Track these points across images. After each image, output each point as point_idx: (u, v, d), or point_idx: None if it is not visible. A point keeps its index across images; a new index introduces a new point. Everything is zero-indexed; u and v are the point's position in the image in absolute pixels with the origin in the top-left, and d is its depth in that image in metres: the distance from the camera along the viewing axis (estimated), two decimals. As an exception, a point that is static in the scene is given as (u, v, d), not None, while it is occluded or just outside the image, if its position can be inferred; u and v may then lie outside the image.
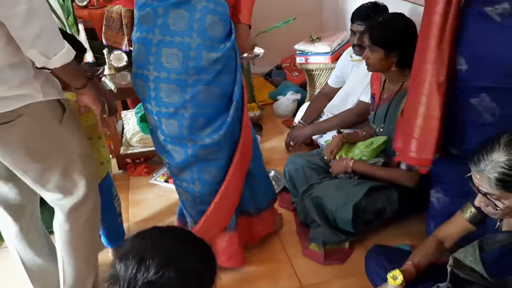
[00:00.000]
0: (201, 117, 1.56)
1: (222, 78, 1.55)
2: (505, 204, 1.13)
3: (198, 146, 1.60)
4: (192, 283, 0.92)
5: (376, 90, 2.15)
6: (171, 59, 1.48)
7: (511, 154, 1.08)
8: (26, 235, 1.62)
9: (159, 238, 0.96)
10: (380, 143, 2.06)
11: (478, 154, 1.15)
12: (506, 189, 1.10)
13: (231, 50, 1.55)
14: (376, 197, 1.96)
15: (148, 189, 2.58)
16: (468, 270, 1.28)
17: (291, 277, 1.86)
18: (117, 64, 2.83)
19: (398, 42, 1.89)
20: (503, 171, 1.08)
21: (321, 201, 1.95)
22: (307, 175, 2.19)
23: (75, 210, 1.51)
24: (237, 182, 1.70)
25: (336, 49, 3.01)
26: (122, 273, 0.90)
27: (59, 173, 1.44)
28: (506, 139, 1.11)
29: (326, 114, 2.70)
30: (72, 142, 1.46)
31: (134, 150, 2.73)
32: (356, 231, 1.92)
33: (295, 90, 3.43)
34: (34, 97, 1.31)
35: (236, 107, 1.59)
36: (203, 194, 1.70)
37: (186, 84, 1.51)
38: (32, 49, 1.21)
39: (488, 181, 1.12)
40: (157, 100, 1.56)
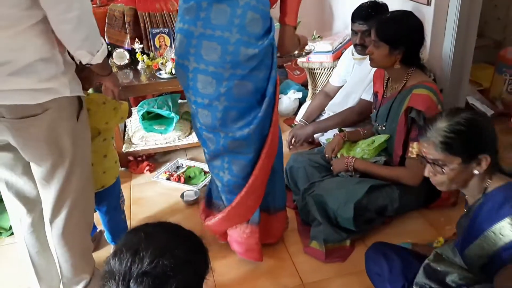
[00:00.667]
0: (233, 110, 1.60)
1: (257, 74, 1.57)
2: (451, 168, 1.24)
3: (229, 137, 1.64)
4: (186, 272, 0.93)
5: (379, 88, 2.15)
6: (210, 52, 1.53)
7: (451, 120, 1.24)
8: (36, 228, 1.65)
9: (152, 231, 0.98)
10: (382, 142, 2.06)
11: (425, 127, 1.30)
12: (449, 152, 1.23)
13: (268, 47, 1.57)
14: (378, 195, 1.96)
15: (150, 186, 2.59)
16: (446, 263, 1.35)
17: (292, 274, 1.87)
18: (120, 62, 2.84)
19: (403, 39, 1.90)
20: (445, 134, 1.23)
21: (322, 199, 1.96)
22: (308, 173, 2.19)
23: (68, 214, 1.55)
24: (264, 177, 1.74)
25: (337, 47, 3.01)
26: (117, 267, 0.91)
27: (65, 172, 1.48)
28: (446, 112, 1.28)
29: (328, 113, 2.70)
30: (83, 141, 1.52)
31: (136, 148, 2.74)
32: (357, 229, 1.92)
33: (296, 88, 3.43)
34: (62, 92, 1.37)
35: (268, 103, 1.62)
36: (230, 184, 1.75)
37: (222, 78, 1.54)
38: (81, 50, 1.34)
39: (434, 146, 1.25)
40: (194, 90, 1.61)
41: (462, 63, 2.61)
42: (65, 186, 1.51)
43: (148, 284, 0.87)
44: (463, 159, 1.23)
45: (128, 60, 2.85)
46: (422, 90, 1.89)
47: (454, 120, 1.23)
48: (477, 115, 1.27)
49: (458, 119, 1.23)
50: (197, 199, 2.40)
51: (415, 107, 1.87)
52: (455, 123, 1.23)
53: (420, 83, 1.94)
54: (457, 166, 1.23)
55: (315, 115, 2.74)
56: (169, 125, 2.77)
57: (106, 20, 2.92)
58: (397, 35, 1.90)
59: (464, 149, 1.22)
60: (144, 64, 2.85)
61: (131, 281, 0.88)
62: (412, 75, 1.97)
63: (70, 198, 1.54)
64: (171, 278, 0.89)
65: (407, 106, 1.90)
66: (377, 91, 2.17)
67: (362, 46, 2.41)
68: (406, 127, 1.94)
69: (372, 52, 1.96)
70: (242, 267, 1.92)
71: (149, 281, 0.87)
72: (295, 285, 1.82)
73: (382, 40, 1.91)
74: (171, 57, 2.75)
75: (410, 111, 1.90)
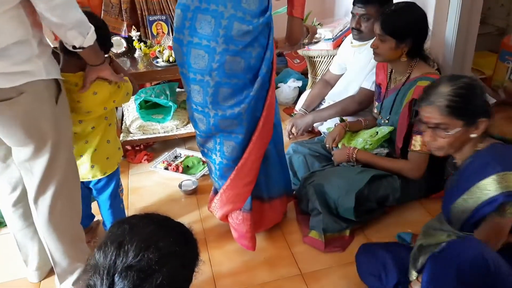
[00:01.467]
0: (225, 87, 1.59)
1: (250, 51, 1.57)
2: (452, 131, 1.31)
3: (218, 116, 1.64)
4: (172, 265, 0.91)
5: (383, 80, 2.12)
6: (204, 25, 1.54)
7: (455, 85, 1.31)
8: (20, 205, 1.67)
9: (138, 223, 0.96)
10: (386, 134, 2.04)
11: (425, 92, 1.35)
12: (454, 115, 1.29)
13: (264, 27, 1.57)
14: (379, 185, 1.95)
15: (148, 176, 2.57)
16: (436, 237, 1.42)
17: (291, 264, 1.86)
18: (116, 50, 2.80)
19: (409, 32, 1.87)
20: (450, 98, 1.29)
21: (323, 189, 1.94)
22: (308, 163, 2.17)
23: (52, 201, 1.55)
24: (254, 161, 1.72)
25: (338, 35, 2.97)
26: (101, 261, 0.89)
27: (48, 156, 1.48)
28: (447, 77, 1.36)
29: (328, 102, 2.67)
30: (63, 124, 1.51)
31: (133, 137, 2.71)
32: (357, 219, 1.91)
33: (296, 77, 3.40)
34: (37, 75, 1.37)
35: (261, 83, 1.61)
36: (221, 167, 1.76)
37: (214, 52, 1.54)
38: (72, 30, 1.35)
39: (438, 109, 1.30)
40: (188, 65, 1.61)
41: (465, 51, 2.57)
42: (49, 170, 1.50)
43: (133, 278, 0.85)
44: (464, 122, 1.30)
45: (125, 48, 2.82)
46: (427, 82, 1.86)
47: (457, 84, 1.30)
48: (474, 80, 1.35)
49: (460, 84, 1.30)
50: (195, 188, 2.38)
51: None
52: (459, 87, 1.29)
53: (424, 75, 1.91)
54: (459, 129, 1.30)
55: (315, 103, 2.71)
56: (167, 114, 2.74)
57: (102, 7, 2.87)
58: (403, 28, 1.87)
59: (467, 112, 1.29)
60: (141, 52, 2.81)
61: (116, 275, 0.86)
62: (416, 67, 1.95)
63: (54, 183, 1.53)
64: (156, 271, 0.87)
65: (411, 98, 1.87)
66: (380, 83, 2.13)
67: (358, 30, 2.37)
68: (408, 120, 1.91)
69: (377, 46, 1.92)
70: (240, 256, 1.91)
71: (133, 274, 0.86)
72: (293, 274, 1.81)
73: (388, 34, 1.87)
74: (169, 45, 2.72)
75: (414, 103, 1.87)
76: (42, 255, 1.77)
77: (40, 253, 1.78)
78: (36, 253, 1.78)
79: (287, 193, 2.02)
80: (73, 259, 1.67)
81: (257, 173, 1.77)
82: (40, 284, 1.84)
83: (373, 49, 1.97)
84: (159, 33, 2.90)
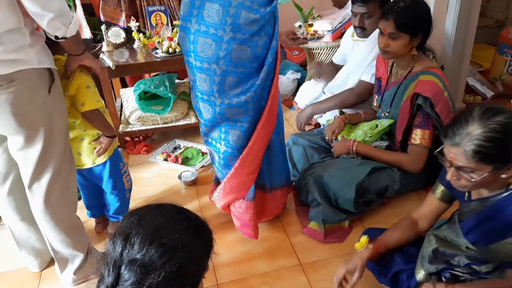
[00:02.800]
0: (231, 75, 1.60)
1: (257, 40, 1.57)
2: (480, 176, 1.13)
3: (225, 104, 1.64)
4: (177, 260, 0.88)
5: (383, 74, 2.11)
6: (211, 13, 1.53)
7: (487, 126, 1.09)
8: (12, 198, 1.68)
9: (146, 215, 0.93)
10: (386, 127, 2.05)
11: (452, 128, 1.15)
12: (482, 161, 1.11)
13: (271, 16, 1.58)
14: (379, 177, 1.96)
15: (147, 167, 2.57)
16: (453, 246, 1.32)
17: (290, 255, 1.88)
18: (115, 41, 2.79)
19: (422, 25, 1.87)
20: (480, 143, 1.09)
21: (323, 180, 1.95)
22: (308, 155, 2.18)
23: (47, 190, 1.56)
24: (258, 150, 1.74)
25: (337, 27, 2.95)
26: (110, 252, 0.89)
27: (41, 145, 1.49)
28: (478, 112, 1.12)
29: (327, 94, 2.67)
30: (56, 114, 1.51)
31: (133, 128, 2.71)
32: (356, 210, 1.92)
33: (295, 69, 3.39)
34: (29, 63, 1.37)
35: (266, 72, 1.62)
36: (226, 156, 1.77)
37: (221, 40, 1.54)
38: (55, 20, 1.33)
39: (464, 154, 1.12)
40: (195, 53, 1.60)
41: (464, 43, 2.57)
42: (43, 159, 1.51)
43: (136, 272, 0.85)
44: (494, 167, 1.12)
45: (123, 38, 2.80)
46: (429, 76, 1.86)
47: (490, 126, 1.09)
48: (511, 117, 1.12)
49: (493, 125, 1.09)
50: (195, 179, 2.39)
51: (422, 93, 1.84)
52: (491, 130, 1.09)
53: (426, 69, 1.91)
54: (487, 174, 1.13)
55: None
56: (166, 106, 2.74)
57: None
58: (417, 23, 1.86)
59: (498, 158, 1.12)
60: (140, 42, 2.80)
61: (122, 267, 0.86)
62: (418, 60, 1.94)
63: (49, 171, 1.54)
64: (160, 268, 0.86)
65: (414, 92, 1.87)
66: (381, 77, 2.13)
67: (361, 28, 2.36)
68: (410, 113, 1.92)
69: (388, 44, 1.89)
70: (240, 247, 1.93)
71: (137, 269, 0.85)
72: (293, 265, 1.83)
73: (403, 31, 1.85)
74: (168, 36, 2.70)
75: (416, 97, 1.87)
76: (39, 245, 1.79)
77: (38, 243, 1.79)
78: (34, 243, 1.79)
79: (288, 184, 2.02)
80: (72, 247, 1.68)
81: (261, 162, 1.78)
82: (41, 273, 1.86)
83: (382, 49, 1.93)
84: (158, 24, 2.88)
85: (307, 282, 1.74)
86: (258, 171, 1.79)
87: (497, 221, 1.19)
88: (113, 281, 0.86)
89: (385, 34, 1.89)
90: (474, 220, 1.26)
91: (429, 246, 1.39)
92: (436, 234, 1.39)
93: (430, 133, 1.90)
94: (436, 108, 1.82)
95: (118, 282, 0.86)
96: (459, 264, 1.31)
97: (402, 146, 2.01)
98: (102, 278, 0.88)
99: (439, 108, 1.82)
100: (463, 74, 2.71)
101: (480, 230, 1.25)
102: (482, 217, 1.24)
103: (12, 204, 1.69)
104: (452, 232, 1.34)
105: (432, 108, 1.83)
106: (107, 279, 0.86)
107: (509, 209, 1.17)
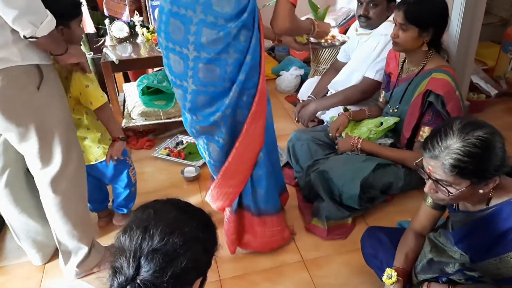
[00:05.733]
0: (202, 95, 1.50)
1: (225, 58, 1.44)
2: (457, 190, 1.12)
3: (197, 122, 1.58)
4: (195, 249, 0.94)
5: (394, 69, 2.10)
6: (175, 30, 1.43)
7: (466, 140, 1.08)
8: (10, 191, 1.68)
9: (162, 208, 0.98)
10: (391, 125, 2.04)
11: (432, 140, 1.13)
12: (460, 175, 1.10)
13: (241, 30, 1.42)
14: (383, 173, 1.96)
15: (150, 162, 2.57)
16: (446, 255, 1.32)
17: (293, 251, 1.88)
18: (119, 35, 2.78)
19: (434, 21, 1.85)
20: (458, 157, 1.08)
21: (327, 176, 1.95)
22: (312, 151, 2.18)
23: (54, 181, 1.56)
24: (238, 165, 1.64)
25: (341, 23, 2.95)
26: (127, 244, 0.91)
27: (36, 140, 1.48)
28: (458, 126, 1.11)
29: (330, 91, 2.66)
30: (48, 110, 1.48)
31: (136, 123, 2.71)
32: (360, 207, 1.92)
33: (298, 65, 3.39)
34: (12, 61, 1.35)
35: (238, 92, 1.48)
36: (211, 165, 1.73)
37: (187, 59, 1.45)
38: (21, 18, 1.25)
39: (442, 167, 1.10)
40: (169, 68, 1.54)
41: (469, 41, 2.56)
42: (44, 153, 1.51)
43: (158, 261, 0.88)
44: (472, 182, 1.11)
45: (127, 33, 2.79)
46: (441, 74, 1.86)
47: (469, 140, 1.07)
48: (491, 132, 1.10)
49: (472, 140, 1.07)
50: (198, 175, 2.39)
51: (434, 91, 1.83)
52: (470, 145, 1.07)
53: (439, 67, 1.90)
54: (464, 188, 1.12)
55: (324, 91, 2.69)
56: (169, 101, 2.73)
57: (104, -8, 2.84)
58: (428, 17, 1.84)
59: (476, 173, 1.09)
60: (143, 37, 2.79)
61: (142, 258, 0.89)
62: (431, 58, 1.93)
63: (54, 165, 1.54)
64: (181, 255, 0.90)
65: (426, 89, 1.86)
66: (391, 72, 2.12)
67: (366, 17, 2.35)
68: (420, 110, 1.91)
69: (397, 35, 1.88)
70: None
71: (159, 258, 0.88)
72: (295, 261, 1.83)
73: (412, 23, 1.83)
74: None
75: (428, 94, 1.87)
76: (41, 237, 1.80)
77: (39, 236, 1.79)
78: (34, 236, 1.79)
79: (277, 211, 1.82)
80: (78, 240, 1.69)
81: (246, 176, 1.68)
82: (44, 266, 1.86)
83: (392, 38, 1.92)
84: (161, 19, 2.87)
85: (309, 279, 1.74)
86: (242, 185, 1.70)
87: (482, 238, 1.18)
88: (134, 272, 0.89)
89: (396, 24, 1.89)
90: (463, 231, 1.26)
91: (423, 258, 1.38)
92: (432, 240, 1.38)
93: None
94: (447, 106, 1.82)
95: (139, 272, 0.89)
96: (453, 272, 1.30)
97: (408, 143, 2.01)
98: (119, 271, 0.90)
99: (450, 106, 1.82)
100: (468, 72, 2.70)
101: (468, 242, 1.24)
102: (468, 231, 1.24)
103: (10, 197, 1.69)
104: (446, 240, 1.33)
105: (443, 106, 1.82)
106: (127, 270, 0.89)
107: (491, 227, 1.16)
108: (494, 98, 2.94)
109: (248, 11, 1.41)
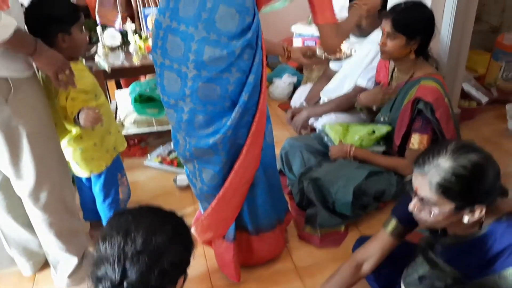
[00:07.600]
0: (201, 114, 1.42)
1: (227, 78, 1.37)
2: (441, 211, 1.11)
3: (192, 145, 1.49)
4: (177, 246, 0.98)
5: (384, 78, 2.12)
6: (174, 47, 1.37)
7: (456, 161, 1.07)
8: (3, 197, 1.66)
9: (138, 212, 1.02)
10: (383, 133, 2.05)
11: (424, 156, 1.13)
12: (445, 195, 1.08)
13: (245, 48, 1.36)
14: (376, 181, 1.97)
15: (142, 170, 2.56)
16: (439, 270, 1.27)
17: (286, 259, 1.87)
18: (111, 43, 2.77)
19: (421, 30, 1.87)
20: (445, 176, 1.07)
21: (320, 183, 1.95)
22: (305, 158, 2.19)
23: (33, 194, 1.53)
24: (236, 189, 1.56)
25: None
26: (109, 251, 0.92)
27: (6, 152, 1.45)
28: (453, 146, 1.10)
29: (322, 99, 2.67)
30: (19, 122, 1.42)
31: (128, 131, 2.70)
32: (352, 214, 1.92)
33: (291, 72, 3.40)
34: None
35: (240, 112, 1.41)
36: (203, 193, 1.62)
37: (186, 77, 1.38)
38: None
39: (429, 184, 1.09)
40: (161, 87, 1.46)
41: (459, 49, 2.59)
42: (15, 165, 1.47)
43: (144, 262, 0.90)
44: (457, 205, 1.09)
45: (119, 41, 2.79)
46: (430, 82, 1.88)
47: (459, 161, 1.06)
48: (485, 159, 1.08)
49: (463, 162, 1.06)
50: (190, 183, 2.38)
51: (423, 98, 1.85)
52: (459, 166, 1.06)
53: (428, 75, 1.92)
54: (448, 211, 1.10)
55: (316, 99, 2.71)
56: (162, 109, 2.72)
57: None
58: (415, 26, 1.86)
59: (461, 196, 1.08)
60: (136, 45, 2.78)
61: (126, 261, 0.90)
62: (420, 66, 1.95)
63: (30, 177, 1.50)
64: (166, 252, 0.94)
65: (415, 97, 1.88)
66: (381, 81, 2.14)
67: (358, 27, 2.37)
68: (409, 118, 1.92)
69: (385, 44, 1.91)
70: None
71: (144, 258, 0.91)
72: (288, 269, 1.82)
73: (399, 31, 1.86)
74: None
75: (417, 102, 1.88)
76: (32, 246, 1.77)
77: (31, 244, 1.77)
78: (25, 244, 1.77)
79: (280, 221, 1.79)
80: (65, 251, 1.67)
81: (243, 199, 1.61)
82: (35, 276, 1.84)
83: (380, 47, 1.94)
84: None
85: (302, 287, 1.73)
86: (239, 209, 1.63)
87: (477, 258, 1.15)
88: (119, 276, 0.90)
89: (384, 33, 1.91)
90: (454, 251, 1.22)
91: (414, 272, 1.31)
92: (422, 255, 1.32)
93: (428, 137, 1.91)
94: (436, 113, 1.83)
95: (125, 275, 0.90)
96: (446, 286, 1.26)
97: (399, 151, 2.02)
98: (104, 278, 0.91)
99: (439, 113, 1.84)
100: (459, 80, 2.72)
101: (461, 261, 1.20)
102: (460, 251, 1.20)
103: (2, 203, 1.66)
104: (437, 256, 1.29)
105: (432, 113, 1.84)
106: (112, 276, 0.90)
107: (486, 247, 1.13)
108: (485, 105, 2.97)
109: (253, 30, 1.36)
